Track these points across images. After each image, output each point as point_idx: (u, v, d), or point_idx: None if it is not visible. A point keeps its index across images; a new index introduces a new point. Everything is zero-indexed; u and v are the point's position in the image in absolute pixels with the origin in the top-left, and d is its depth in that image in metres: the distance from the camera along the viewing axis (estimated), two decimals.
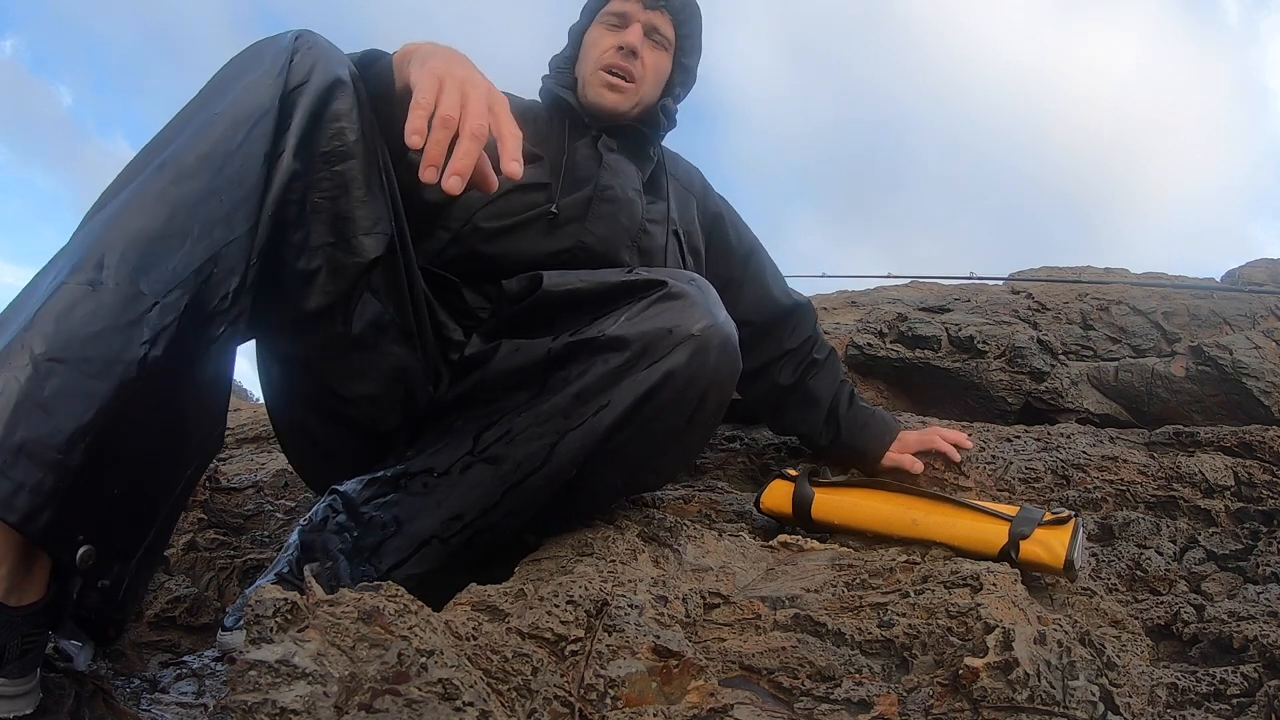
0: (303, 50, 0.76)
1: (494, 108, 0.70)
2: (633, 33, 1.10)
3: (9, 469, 0.53)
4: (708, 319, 0.80)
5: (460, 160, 0.66)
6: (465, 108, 0.68)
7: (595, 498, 0.88)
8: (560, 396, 0.80)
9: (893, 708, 0.58)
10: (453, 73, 0.71)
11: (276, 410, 0.93)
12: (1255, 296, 1.89)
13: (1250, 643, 0.75)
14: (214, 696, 0.73)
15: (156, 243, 0.64)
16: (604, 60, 1.10)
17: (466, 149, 0.66)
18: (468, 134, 0.67)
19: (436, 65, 0.72)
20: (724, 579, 0.80)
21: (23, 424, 0.54)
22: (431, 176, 0.65)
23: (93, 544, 0.58)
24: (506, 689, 0.56)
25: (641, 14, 1.12)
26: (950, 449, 1.19)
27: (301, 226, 0.76)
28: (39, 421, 0.55)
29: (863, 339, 2.00)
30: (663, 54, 1.15)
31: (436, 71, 0.71)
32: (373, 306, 0.83)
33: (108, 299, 0.60)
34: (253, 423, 1.78)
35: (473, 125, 0.67)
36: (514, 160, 0.67)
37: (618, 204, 1.05)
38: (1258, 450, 1.16)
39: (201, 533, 1.10)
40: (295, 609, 0.50)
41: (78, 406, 0.56)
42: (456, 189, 0.65)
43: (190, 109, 0.73)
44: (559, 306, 0.87)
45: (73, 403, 0.56)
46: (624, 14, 1.12)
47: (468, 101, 0.68)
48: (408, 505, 0.82)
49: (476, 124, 0.67)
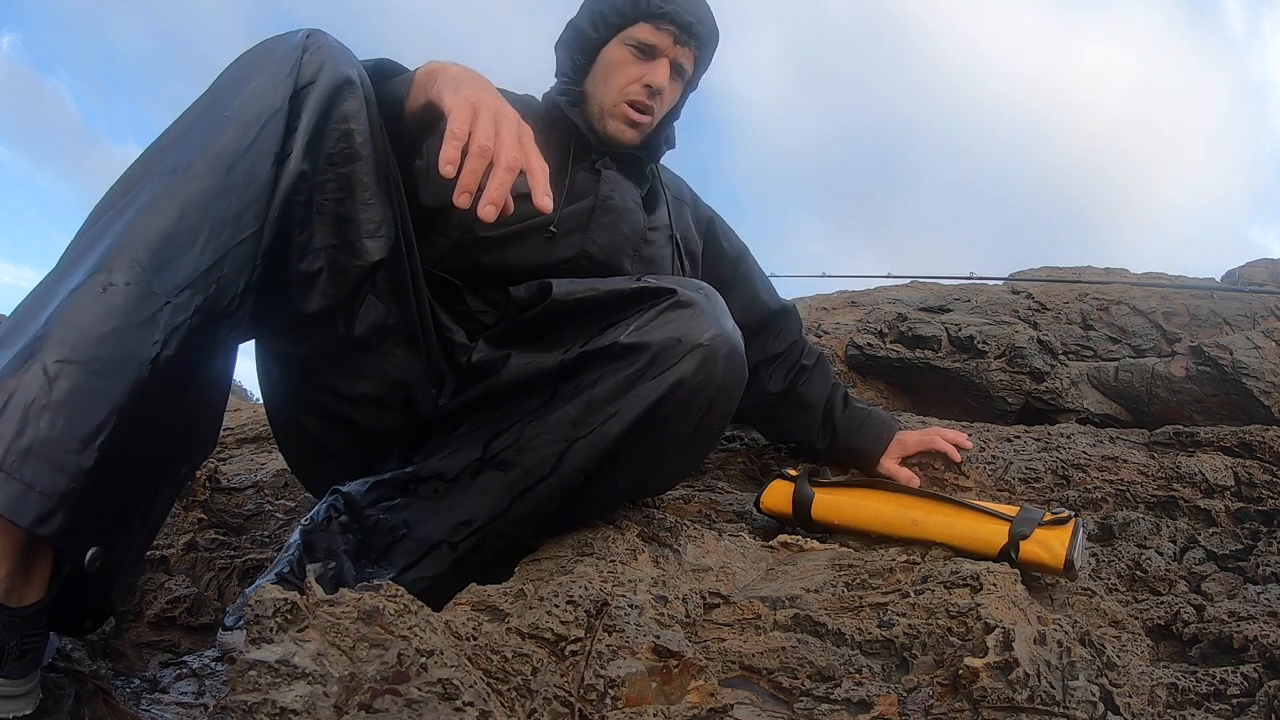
0: (312, 49, 0.75)
1: (523, 139, 0.72)
2: (661, 72, 1.05)
3: (18, 471, 0.53)
4: (716, 328, 0.80)
5: (496, 191, 0.68)
6: (499, 139, 0.70)
7: (600, 503, 0.88)
8: (571, 405, 0.80)
9: (893, 708, 0.58)
10: (486, 102, 0.72)
11: (276, 410, 0.93)
12: (1255, 296, 1.89)
13: (1250, 643, 0.75)
14: (214, 696, 0.73)
15: (168, 243, 0.64)
16: (628, 94, 1.05)
17: (501, 180, 0.69)
18: (503, 166, 0.69)
19: (470, 93, 0.73)
20: (724, 579, 0.80)
21: (32, 425, 0.54)
22: (465, 203, 0.68)
23: (101, 545, 0.59)
24: (506, 689, 0.56)
25: (672, 49, 1.06)
26: (950, 449, 1.19)
27: (306, 228, 0.76)
28: (50, 423, 0.55)
29: (863, 339, 2.00)
30: (678, 87, 1.11)
31: (471, 100, 0.72)
32: (376, 309, 0.83)
33: (119, 299, 0.60)
34: (253, 423, 1.78)
35: (507, 158, 0.69)
36: (545, 195, 0.70)
37: (619, 214, 1.05)
38: (1258, 450, 1.16)
39: (201, 533, 1.10)
40: (295, 609, 0.50)
41: (89, 407, 0.57)
42: (491, 217, 0.68)
43: (199, 108, 0.73)
44: (568, 315, 0.87)
45: (84, 403, 0.56)
46: (654, 47, 1.05)
47: (501, 133, 0.71)
48: (417, 510, 0.82)
49: (510, 156, 0.69)
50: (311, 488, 1.04)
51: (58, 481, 0.54)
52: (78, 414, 0.56)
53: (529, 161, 0.71)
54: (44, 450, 0.54)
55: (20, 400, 0.54)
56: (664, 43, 1.05)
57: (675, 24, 1.04)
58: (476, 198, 0.68)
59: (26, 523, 0.53)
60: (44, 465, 0.54)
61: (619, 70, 1.06)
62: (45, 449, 0.54)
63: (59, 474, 0.54)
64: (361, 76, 0.79)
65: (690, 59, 1.09)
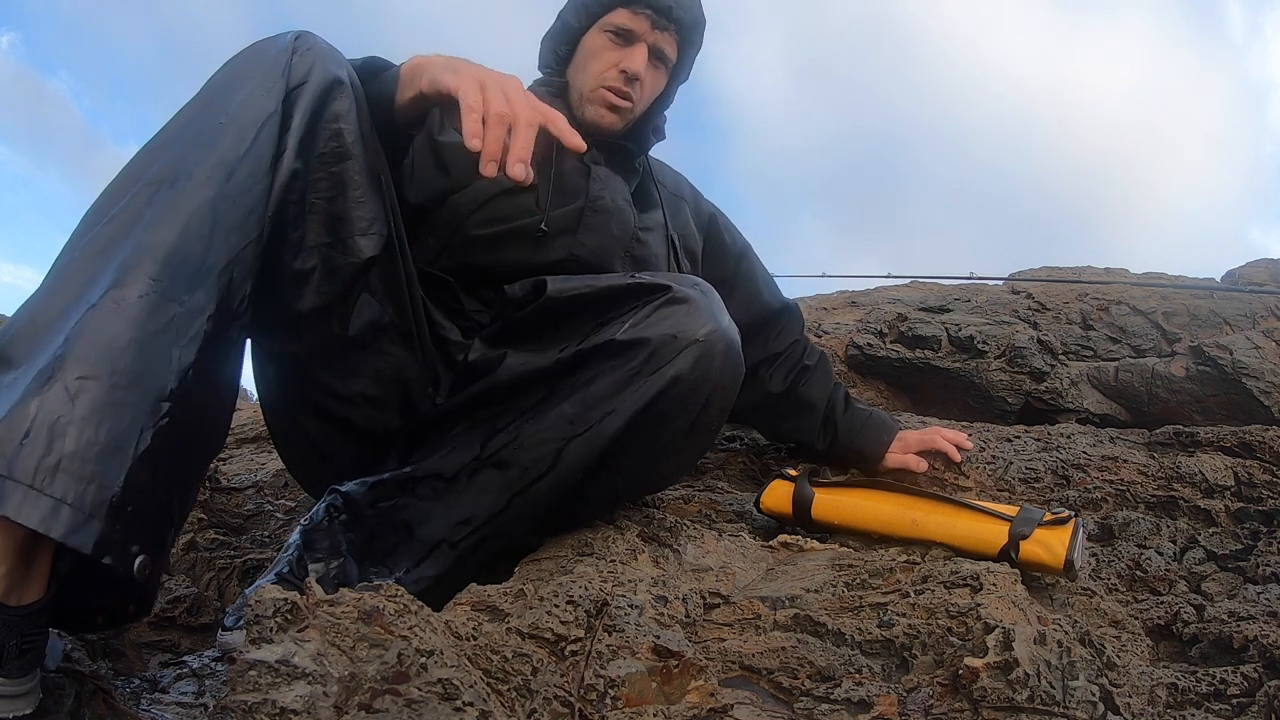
0: (302, 51, 0.76)
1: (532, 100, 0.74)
2: (637, 58, 1.04)
3: (48, 487, 0.53)
4: (712, 324, 0.80)
5: (522, 148, 0.70)
6: (512, 104, 0.72)
7: (599, 502, 0.88)
8: (568, 403, 0.80)
9: (893, 708, 0.58)
10: (489, 75, 0.75)
11: (272, 410, 0.93)
12: (1255, 296, 1.89)
13: (1250, 643, 0.75)
14: (214, 696, 0.73)
15: (177, 253, 0.64)
16: (605, 79, 1.05)
17: (526, 137, 0.71)
18: (523, 123, 0.71)
19: (471, 70, 0.76)
20: (724, 579, 0.80)
21: (59, 442, 0.55)
22: (492, 171, 0.70)
23: (146, 552, 0.59)
24: (506, 689, 0.56)
25: (649, 34, 1.05)
26: (951, 449, 1.19)
27: (299, 226, 0.76)
28: (75, 438, 0.55)
29: (863, 339, 2.00)
30: (661, 74, 1.10)
31: (475, 75, 0.74)
32: (371, 307, 0.83)
33: (134, 312, 0.61)
34: (253, 423, 1.77)
35: (526, 115, 0.71)
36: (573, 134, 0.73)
37: (609, 214, 1.04)
38: (1258, 450, 1.16)
39: (201, 533, 1.10)
40: (295, 609, 0.50)
41: (113, 419, 0.57)
42: (522, 175, 0.70)
43: (191, 112, 0.73)
44: (564, 312, 0.87)
45: (107, 416, 0.57)
46: (630, 31, 1.05)
47: (512, 98, 0.73)
48: (416, 509, 0.82)
49: (529, 113, 0.72)
50: (309, 489, 1.04)
51: (88, 493, 0.55)
52: (102, 427, 0.56)
53: (547, 115, 0.73)
54: (71, 465, 0.55)
55: (45, 419, 0.55)
56: (641, 27, 1.05)
57: (652, 8, 1.04)
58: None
59: (60, 535, 0.53)
60: (73, 479, 0.54)
61: (597, 56, 1.06)
62: (72, 464, 0.55)
63: (89, 485, 0.55)
64: (351, 76, 0.79)
65: (672, 44, 1.08)
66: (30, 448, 0.54)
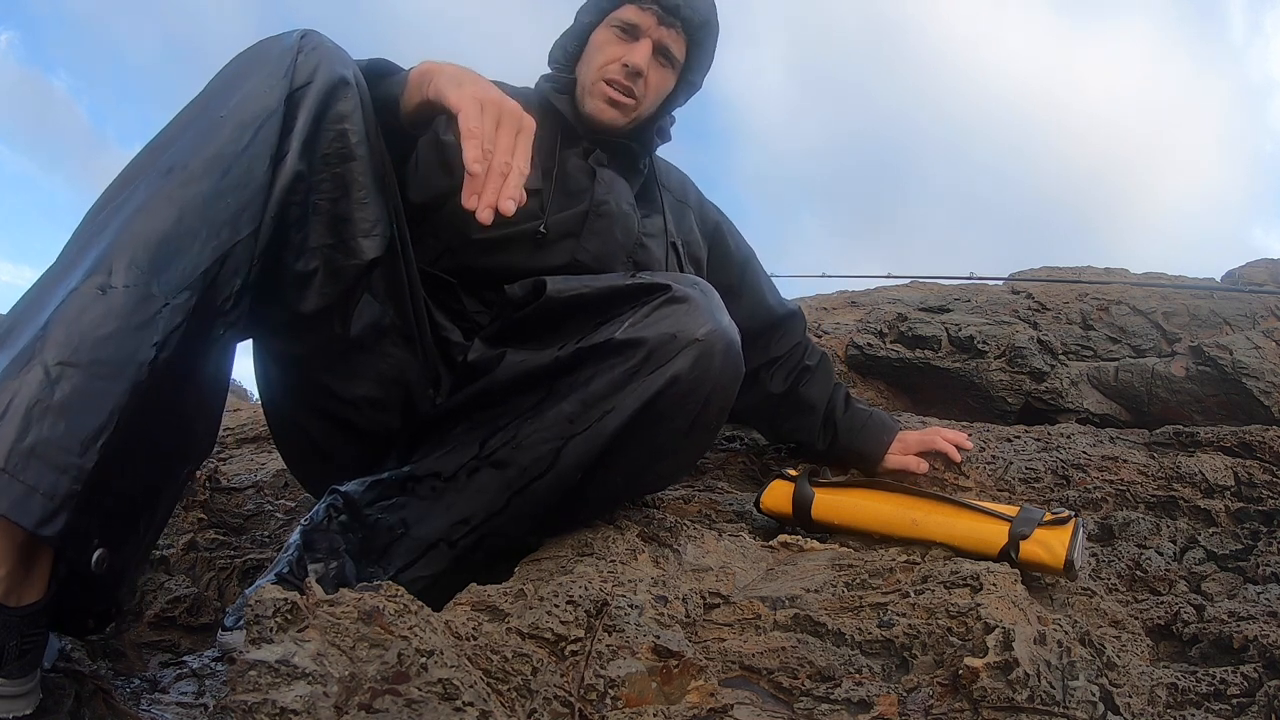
0: (307, 50, 0.76)
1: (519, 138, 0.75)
2: (640, 52, 1.04)
3: (21, 473, 0.53)
4: (711, 323, 0.80)
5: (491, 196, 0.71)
6: (497, 142, 0.73)
7: (599, 501, 0.88)
8: (566, 402, 0.80)
9: (893, 708, 0.58)
10: (490, 97, 0.75)
11: (274, 411, 0.93)
12: (1255, 296, 1.89)
13: (1250, 643, 0.75)
14: (214, 696, 0.73)
15: (166, 245, 0.64)
16: (606, 73, 1.05)
17: (494, 186, 0.72)
18: (496, 172, 0.72)
19: (473, 90, 0.76)
20: (724, 579, 0.80)
21: (35, 428, 0.54)
22: (474, 204, 0.71)
23: (106, 546, 0.59)
24: (506, 689, 0.56)
25: (654, 29, 1.04)
26: (951, 449, 1.19)
27: (302, 227, 0.76)
28: (52, 425, 0.55)
29: (863, 339, 2.00)
30: (668, 73, 1.09)
31: (476, 96, 0.75)
32: (372, 309, 0.83)
33: (118, 302, 0.60)
34: (253, 423, 1.77)
35: (499, 163, 0.73)
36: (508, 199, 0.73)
37: (613, 219, 1.04)
38: (1258, 450, 1.16)
39: (201, 533, 1.10)
40: (295, 609, 0.50)
41: (91, 409, 0.57)
42: (489, 220, 0.71)
43: (195, 108, 0.73)
44: (563, 312, 0.87)
45: (86, 405, 0.57)
46: (635, 26, 1.04)
47: (499, 136, 0.74)
48: (414, 509, 0.82)
49: (501, 162, 0.73)
50: (310, 488, 1.04)
51: (60, 483, 0.54)
52: (79, 416, 0.56)
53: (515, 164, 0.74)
54: (46, 452, 0.54)
55: (22, 403, 0.55)
56: (647, 22, 1.05)
57: (658, 3, 1.04)
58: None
59: (30, 524, 0.53)
60: (47, 467, 0.54)
61: (601, 50, 1.06)
62: (48, 451, 0.54)
63: (61, 475, 0.55)
64: (356, 77, 0.79)
65: (679, 43, 1.08)
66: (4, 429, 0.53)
